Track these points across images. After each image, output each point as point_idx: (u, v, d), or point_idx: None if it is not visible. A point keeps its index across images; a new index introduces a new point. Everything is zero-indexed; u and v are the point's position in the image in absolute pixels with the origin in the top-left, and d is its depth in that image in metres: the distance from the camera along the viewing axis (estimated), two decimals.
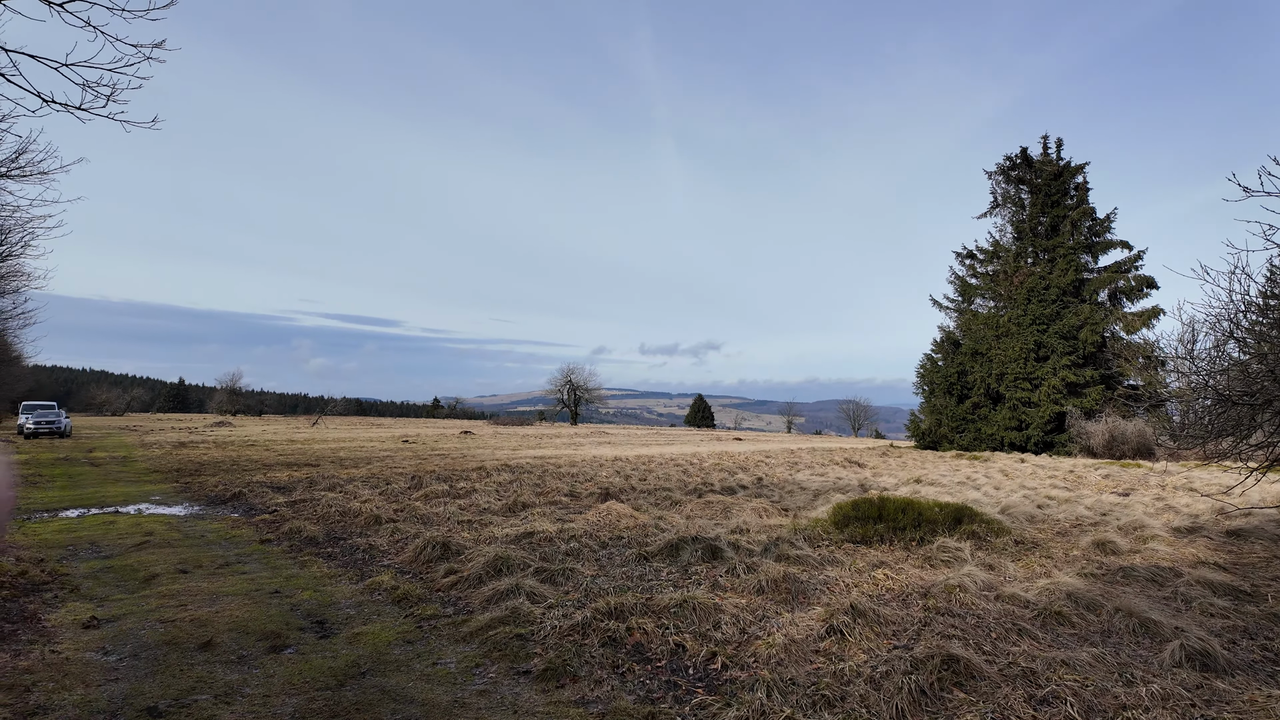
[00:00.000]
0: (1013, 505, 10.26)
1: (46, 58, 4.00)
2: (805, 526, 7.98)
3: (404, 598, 5.21)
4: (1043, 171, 33.36)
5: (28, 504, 9.83)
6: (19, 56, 4.03)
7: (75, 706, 3.29)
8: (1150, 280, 30.88)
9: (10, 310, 19.95)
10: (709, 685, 3.64)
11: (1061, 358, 30.36)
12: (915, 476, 15.67)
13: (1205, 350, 7.27)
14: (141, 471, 14.82)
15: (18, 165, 6.93)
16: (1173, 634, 4.29)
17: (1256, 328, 6.47)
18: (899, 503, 7.97)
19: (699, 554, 6.40)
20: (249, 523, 8.59)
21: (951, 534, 7.37)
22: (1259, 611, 5.02)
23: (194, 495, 11.15)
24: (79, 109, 4.25)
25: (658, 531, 7.75)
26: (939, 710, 3.29)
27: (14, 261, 14.56)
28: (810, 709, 3.29)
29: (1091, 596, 5.04)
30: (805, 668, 3.81)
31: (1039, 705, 3.31)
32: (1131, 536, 7.88)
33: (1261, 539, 7.83)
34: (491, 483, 12.68)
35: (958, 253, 36.34)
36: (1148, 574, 6.04)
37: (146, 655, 3.99)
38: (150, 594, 5.29)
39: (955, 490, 12.69)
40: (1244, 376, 6.62)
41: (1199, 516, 9.40)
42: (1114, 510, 10.07)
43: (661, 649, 4.08)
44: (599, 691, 3.55)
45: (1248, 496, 11.27)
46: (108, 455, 19.04)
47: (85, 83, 4.14)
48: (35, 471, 14.36)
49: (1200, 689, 3.51)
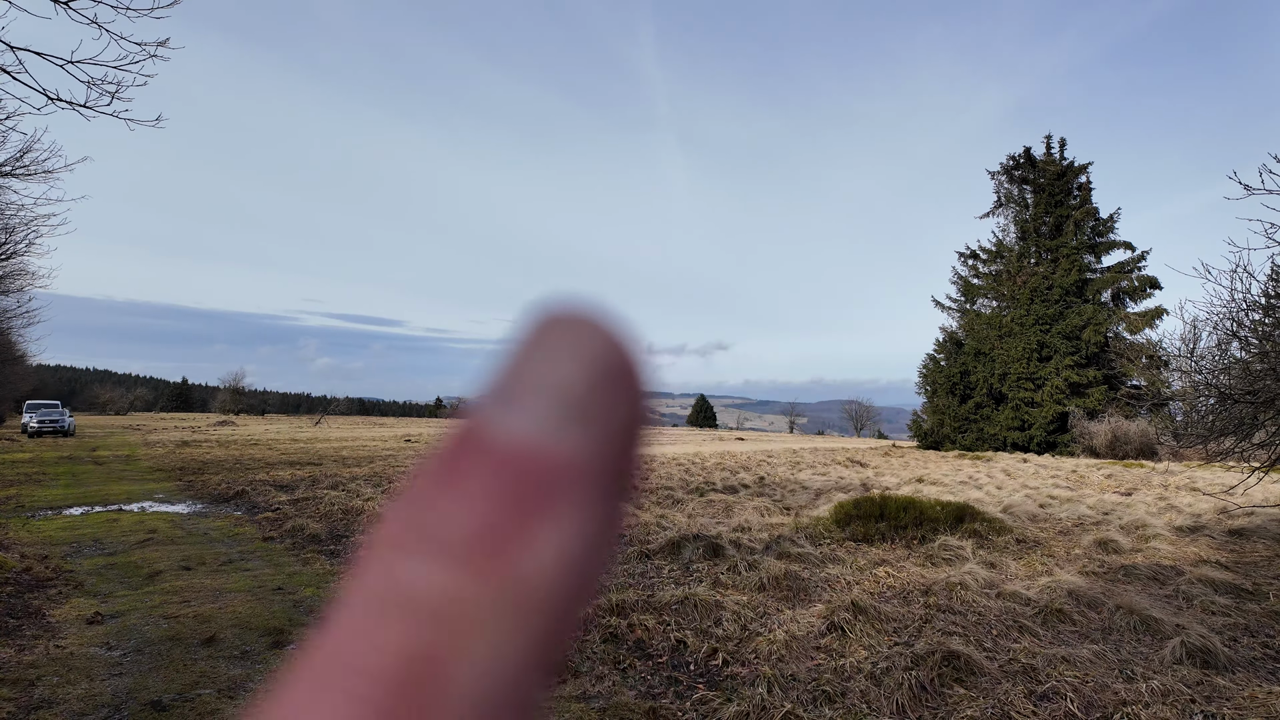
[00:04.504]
0: (1015, 504, 10.25)
1: (52, 55, 4.03)
2: (807, 525, 7.98)
3: None
4: (1046, 171, 33.32)
5: (32, 501, 9.87)
6: (25, 54, 4.05)
7: (79, 701, 3.31)
8: (1153, 280, 30.83)
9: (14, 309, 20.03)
10: (710, 681, 3.66)
11: (1064, 358, 30.32)
12: (917, 476, 15.66)
13: (1207, 349, 7.27)
14: (145, 470, 14.87)
15: (22, 164, 6.96)
16: (1174, 631, 4.29)
17: (1259, 327, 6.46)
18: (901, 501, 7.97)
19: (700, 551, 6.41)
20: (252, 520, 8.61)
21: (953, 532, 7.37)
22: (1260, 609, 5.02)
23: (197, 493, 11.18)
24: (84, 106, 4.27)
25: (659, 529, 7.76)
26: (940, 705, 3.30)
27: (18, 260, 14.60)
28: (811, 704, 3.30)
29: (1093, 594, 5.04)
30: (806, 664, 3.82)
31: (1039, 701, 3.32)
32: (1133, 535, 7.87)
33: (1264, 538, 7.82)
34: None
35: (960, 253, 36.32)
36: (1149, 572, 6.04)
37: (150, 650, 4.01)
38: (154, 590, 5.32)
39: (957, 489, 12.68)
40: (1246, 375, 6.61)
41: (1201, 516, 9.39)
42: (1116, 509, 10.05)
43: (663, 645, 4.10)
44: (601, 687, 3.57)
45: (1250, 496, 11.24)
46: (111, 454, 19.11)
47: (90, 80, 4.16)
48: (39, 470, 14.42)
49: (1201, 685, 3.52)
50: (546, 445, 0.13)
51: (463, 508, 0.13)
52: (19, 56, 4.08)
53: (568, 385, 0.14)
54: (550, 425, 0.14)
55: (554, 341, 0.15)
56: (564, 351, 0.14)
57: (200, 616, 4.63)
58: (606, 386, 0.14)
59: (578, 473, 0.14)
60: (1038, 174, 33.78)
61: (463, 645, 0.12)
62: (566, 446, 0.13)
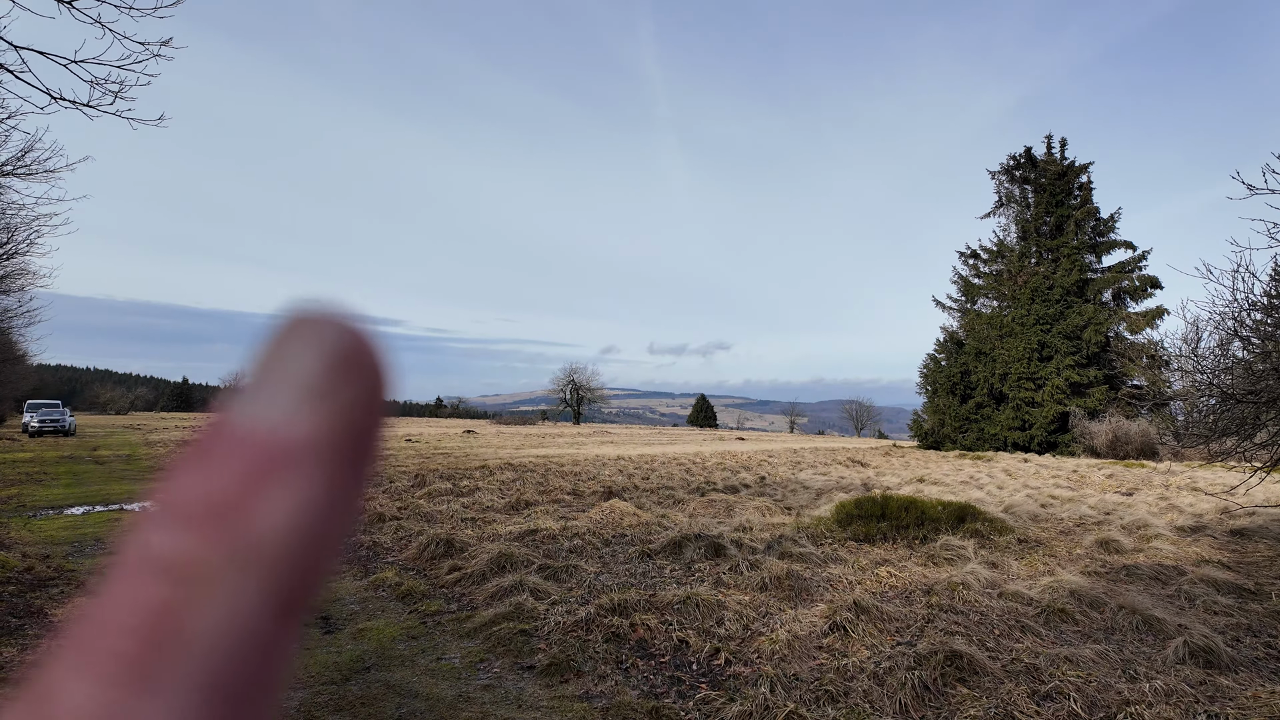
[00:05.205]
0: (1016, 504, 10.25)
1: (55, 54, 4.03)
2: (808, 524, 7.98)
3: (408, 594, 5.23)
4: (1047, 171, 33.31)
5: (33, 501, 9.88)
6: (28, 53, 4.05)
7: None
8: (1154, 280, 30.81)
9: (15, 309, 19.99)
10: (712, 681, 3.66)
11: (1065, 358, 30.30)
12: (918, 476, 15.66)
13: (1209, 349, 7.26)
14: (146, 469, 14.88)
15: (24, 163, 6.96)
16: (1176, 631, 4.29)
17: (1261, 326, 6.46)
18: (902, 501, 7.97)
19: (702, 551, 6.41)
20: None
21: (954, 532, 7.37)
22: (1263, 609, 5.02)
23: None
24: (87, 106, 4.27)
25: (660, 529, 7.76)
26: (942, 705, 3.30)
27: (20, 260, 14.58)
28: (814, 704, 3.30)
29: (1095, 594, 5.03)
30: (809, 663, 3.82)
31: (1042, 701, 3.32)
32: (1135, 535, 7.87)
33: (1265, 538, 7.81)
34: (494, 481, 12.70)
35: (961, 252, 36.31)
36: (1151, 572, 6.04)
37: None
38: None
39: (958, 489, 12.68)
40: (1248, 375, 6.61)
41: (1203, 516, 9.38)
42: (1117, 509, 10.05)
43: (665, 645, 4.10)
44: (603, 686, 3.57)
45: (1252, 495, 11.23)
46: (112, 453, 19.12)
47: (93, 79, 4.16)
48: (40, 469, 14.43)
49: (1204, 685, 3.51)
50: (281, 425, 0.15)
51: (202, 482, 0.15)
52: (22, 55, 4.08)
53: (303, 372, 0.16)
54: (285, 408, 0.15)
55: (295, 337, 0.16)
56: (302, 344, 0.16)
57: None
58: (338, 371, 0.16)
59: (309, 447, 0.15)
60: (1038, 174, 33.77)
61: (197, 598, 0.13)
62: (298, 425, 0.15)
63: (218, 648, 0.13)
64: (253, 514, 0.14)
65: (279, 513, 0.15)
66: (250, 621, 0.14)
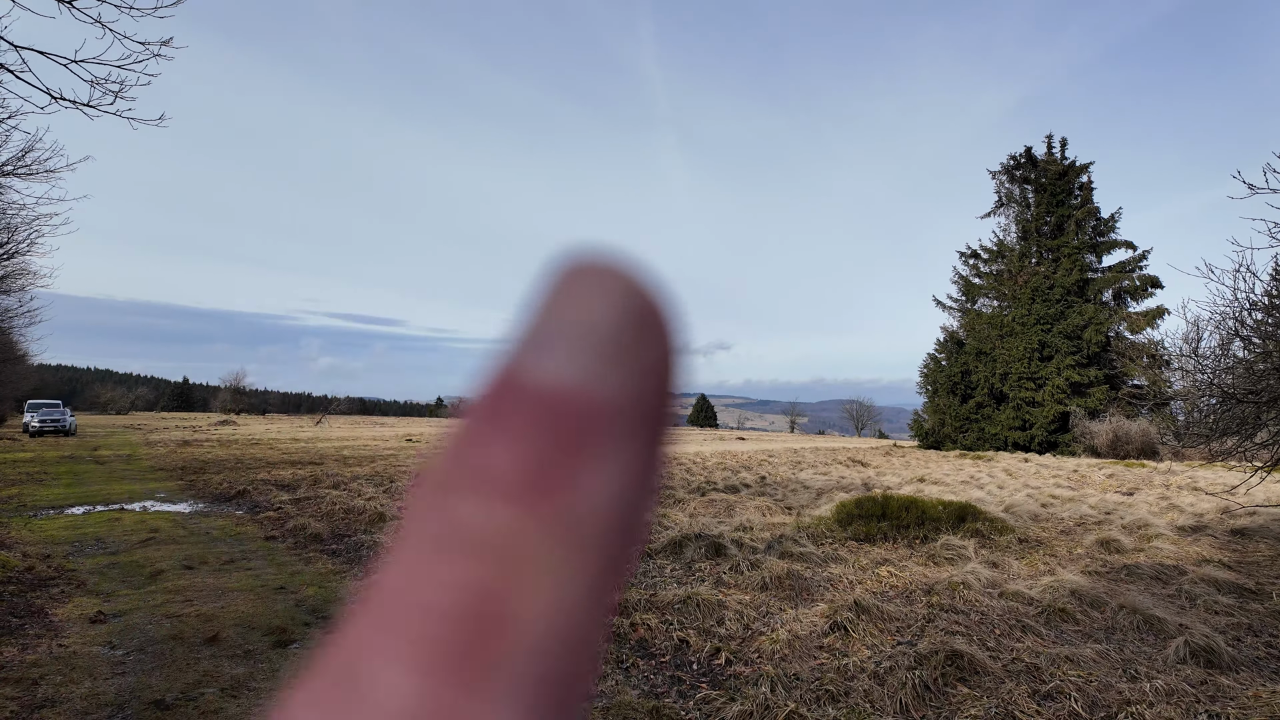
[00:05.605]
0: (1016, 504, 10.24)
1: (55, 54, 4.03)
2: (809, 524, 7.98)
3: None
4: (1047, 171, 33.30)
5: (34, 501, 9.88)
6: (29, 53, 4.05)
7: (83, 699, 3.31)
8: (1155, 280, 30.81)
9: (16, 309, 20.02)
10: (713, 680, 3.65)
11: (1065, 357, 30.30)
12: (919, 475, 15.66)
13: (1210, 349, 7.26)
14: (146, 469, 14.88)
15: (24, 163, 6.96)
16: (1177, 631, 4.29)
17: (1262, 326, 6.45)
18: (902, 501, 7.97)
19: (702, 551, 6.40)
20: (253, 520, 8.62)
21: (955, 532, 7.37)
22: (1264, 609, 5.02)
23: (198, 493, 11.19)
24: (87, 106, 4.27)
25: (661, 529, 7.76)
26: (943, 705, 3.30)
27: (20, 260, 14.61)
28: (814, 703, 3.30)
29: (1095, 594, 5.03)
30: (809, 663, 3.82)
31: (1042, 700, 3.32)
32: (1135, 535, 7.86)
33: (1266, 538, 7.81)
34: None
35: (961, 252, 36.31)
36: (1152, 572, 6.04)
37: (153, 649, 4.01)
38: (156, 589, 5.32)
39: (959, 489, 12.68)
40: (1249, 375, 6.61)
41: (1203, 515, 9.38)
42: (1118, 509, 10.05)
43: (665, 644, 4.10)
44: (603, 686, 3.56)
45: (1252, 495, 11.23)
46: (112, 453, 19.12)
47: (94, 79, 4.16)
48: (41, 469, 14.43)
49: (1204, 684, 3.51)
50: (584, 387, 0.13)
51: (510, 448, 0.13)
52: (22, 55, 4.08)
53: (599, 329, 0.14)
54: (585, 368, 0.14)
55: (582, 287, 0.15)
56: (592, 296, 0.14)
57: (203, 616, 4.63)
58: (636, 329, 0.14)
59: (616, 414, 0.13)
60: (1039, 173, 33.77)
61: (524, 582, 0.12)
62: (603, 388, 0.13)
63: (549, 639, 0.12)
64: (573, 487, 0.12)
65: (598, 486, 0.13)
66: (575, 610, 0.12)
